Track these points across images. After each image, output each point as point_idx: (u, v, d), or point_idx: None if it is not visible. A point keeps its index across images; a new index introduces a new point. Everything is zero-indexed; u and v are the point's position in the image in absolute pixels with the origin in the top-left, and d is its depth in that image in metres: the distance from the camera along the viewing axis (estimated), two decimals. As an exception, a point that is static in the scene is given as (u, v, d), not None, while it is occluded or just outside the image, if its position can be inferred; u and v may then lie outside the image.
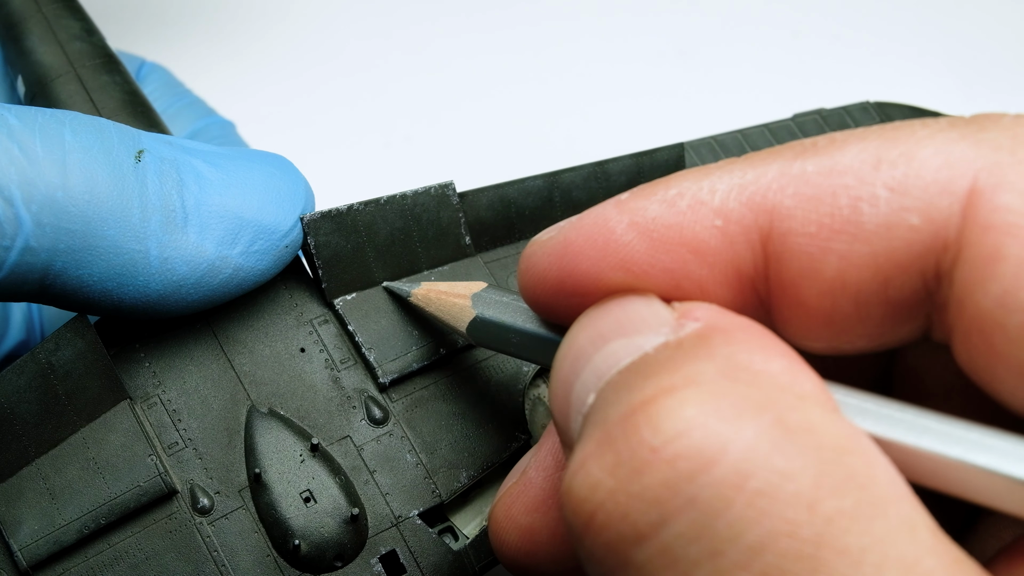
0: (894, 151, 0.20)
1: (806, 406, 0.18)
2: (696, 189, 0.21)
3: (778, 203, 0.20)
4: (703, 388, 0.18)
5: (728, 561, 0.16)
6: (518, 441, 0.32)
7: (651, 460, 0.17)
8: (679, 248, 0.21)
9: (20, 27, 0.41)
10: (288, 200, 0.31)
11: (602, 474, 0.18)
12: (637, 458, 0.18)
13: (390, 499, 0.30)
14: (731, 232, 0.21)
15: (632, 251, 0.22)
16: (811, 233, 0.20)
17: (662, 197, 0.22)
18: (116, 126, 0.29)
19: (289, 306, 0.33)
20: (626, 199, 0.22)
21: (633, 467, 0.18)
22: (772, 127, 0.42)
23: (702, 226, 0.21)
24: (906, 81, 0.74)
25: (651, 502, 0.17)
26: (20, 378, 0.28)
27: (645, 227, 0.21)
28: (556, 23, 0.77)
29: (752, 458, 0.17)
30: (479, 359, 0.33)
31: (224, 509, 0.29)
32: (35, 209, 0.26)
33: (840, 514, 0.16)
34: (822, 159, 0.20)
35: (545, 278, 0.23)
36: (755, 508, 0.16)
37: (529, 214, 0.36)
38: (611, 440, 0.18)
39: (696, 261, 0.21)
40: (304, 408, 0.31)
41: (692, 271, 0.21)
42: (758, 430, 0.17)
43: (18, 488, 0.29)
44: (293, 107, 0.69)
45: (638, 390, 0.19)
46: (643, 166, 0.38)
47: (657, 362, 0.19)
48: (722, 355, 0.19)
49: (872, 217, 0.20)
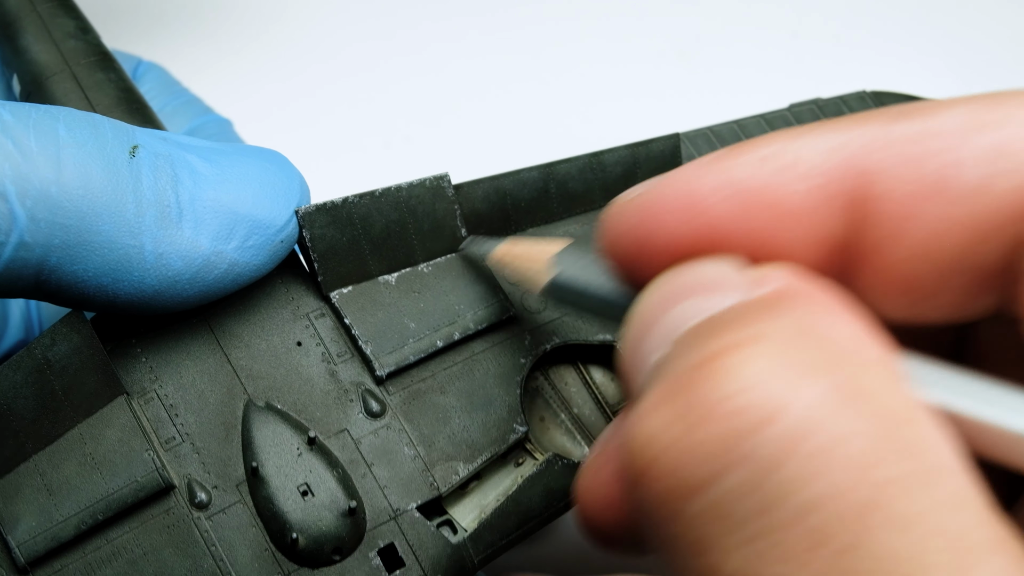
0: (992, 115, 0.20)
1: (870, 372, 0.18)
2: (788, 151, 0.21)
3: (872, 165, 0.20)
4: (769, 347, 0.18)
5: (776, 519, 0.16)
6: (516, 433, 0.32)
7: (711, 414, 0.17)
8: (767, 210, 0.21)
9: (14, 26, 0.41)
10: (283, 195, 0.31)
11: (663, 425, 0.18)
12: (698, 411, 0.18)
13: (388, 492, 0.30)
14: (822, 195, 0.21)
15: (719, 212, 0.21)
16: (905, 195, 0.20)
17: (752, 158, 0.21)
18: (110, 122, 0.29)
19: (285, 300, 0.32)
20: (715, 159, 0.22)
21: (693, 420, 0.18)
22: (768, 117, 0.42)
23: (792, 188, 0.21)
24: (904, 81, 0.74)
25: (708, 456, 0.17)
26: (16, 374, 0.28)
27: (734, 188, 0.21)
28: (556, 24, 0.77)
29: (810, 418, 0.17)
30: (476, 351, 0.33)
31: (222, 503, 0.29)
32: (29, 204, 0.26)
33: (891, 482, 0.16)
34: (917, 122, 0.20)
35: (628, 237, 0.23)
36: (809, 468, 0.16)
37: (525, 206, 0.36)
38: (675, 392, 0.18)
39: (784, 224, 0.21)
40: (301, 402, 0.31)
41: (779, 234, 0.21)
42: (819, 391, 0.17)
43: (15, 485, 0.29)
44: (292, 107, 0.69)
45: (705, 346, 0.19)
46: (639, 157, 0.38)
47: (727, 320, 0.19)
48: (792, 317, 0.19)
49: (967, 180, 0.19)
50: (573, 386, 0.35)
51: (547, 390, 0.35)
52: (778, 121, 0.42)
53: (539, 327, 0.34)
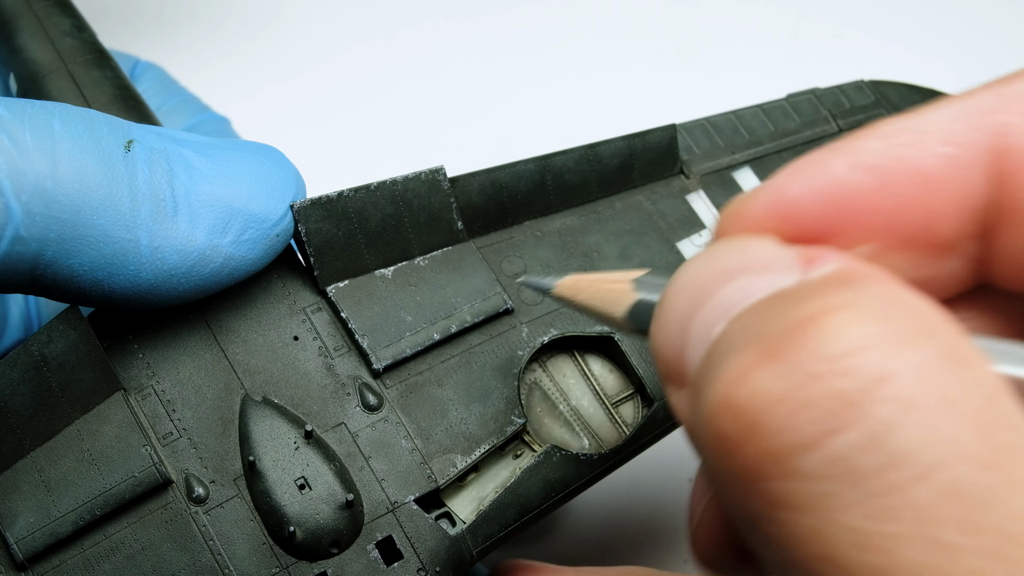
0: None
1: (962, 343, 0.18)
2: (917, 122, 0.21)
3: (1009, 121, 0.20)
4: (866, 312, 0.18)
5: (902, 476, 0.16)
6: (514, 425, 0.32)
7: (825, 370, 0.17)
8: (906, 180, 0.21)
9: (11, 25, 0.41)
10: (278, 189, 0.31)
11: (771, 381, 0.18)
12: (810, 368, 0.17)
13: (386, 485, 0.30)
14: (961, 157, 0.20)
15: (858, 189, 0.21)
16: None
17: (883, 133, 0.21)
18: (106, 117, 0.29)
19: (282, 295, 0.32)
20: (842, 143, 0.22)
21: (806, 375, 0.17)
22: (766, 107, 0.42)
23: (929, 153, 0.21)
24: (904, 80, 0.73)
25: (824, 410, 0.17)
26: (13, 371, 0.28)
27: (869, 163, 0.21)
28: (556, 24, 0.77)
29: (925, 379, 0.17)
30: (473, 344, 0.33)
31: (219, 498, 0.29)
32: (25, 199, 0.26)
33: (1010, 448, 0.16)
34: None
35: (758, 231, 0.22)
36: (929, 428, 0.16)
37: (521, 198, 0.36)
38: (778, 350, 0.18)
39: (924, 191, 0.21)
40: (298, 396, 0.31)
41: (921, 202, 0.21)
42: (928, 355, 0.17)
43: (13, 481, 0.29)
44: (292, 107, 0.69)
45: (800, 308, 0.18)
46: (635, 147, 0.38)
47: (808, 290, 0.19)
48: (874, 289, 0.19)
49: None
50: (571, 378, 0.35)
51: (545, 382, 0.35)
52: (776, 111, 0.42)
53: (536, 319, 0.34)
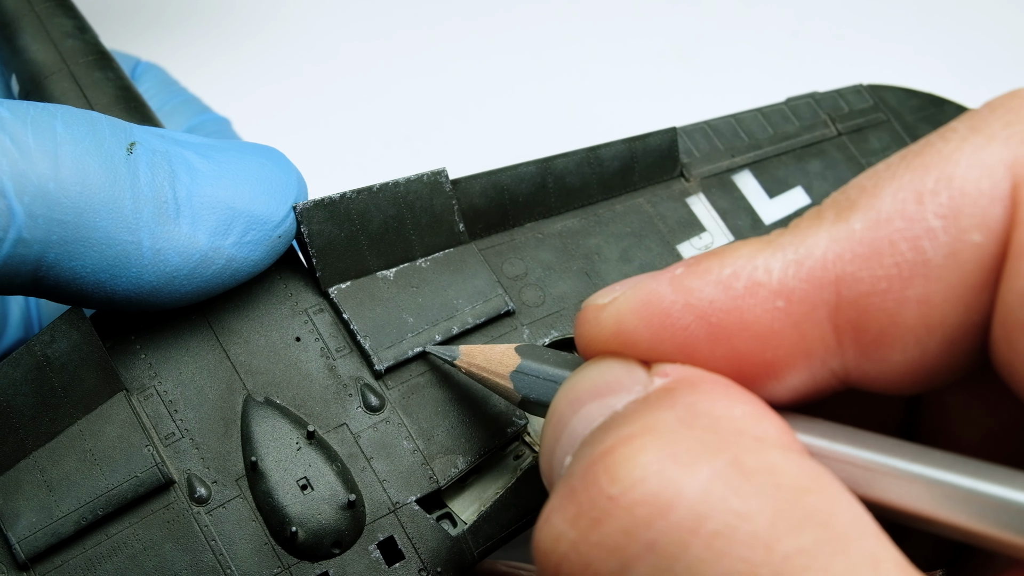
0: (929, 178, 0.19)
1: (765, 448, 0.18)
2: (751, 268, 0.21)
3: (840, 271, 0.20)
4: (660, 435, 0.18)
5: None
6: (515, 426, 0.32)
7: (609, 508, 0.18)
8: (742, 334, 0.21)
9: (13, 26, 0.41)
10: (280, 190, 0.31)
11: (564, 526, 0.19)
12: (597, 508, 0.18)
13: (387, 486, 0.30)
14: (796, 312, 0.20)
15: (691, 336, 0.21)
16: (883, 290, 0.20)
17: (717, 277, 0.21)
18: (108, 119, 0.29)
19: (284, 296, 0.33)
20: (680, 275, 0.21)
21: (593, 516, 0.18)
22: (765, 111, 0.42)
23: (763, 309, 0.21)
24: (904, 80, 0.74)
25: (611, 550, 0.18)
26: (16, 371, 0.29)
27: (703, 311, 0.21)
28: (556, 24, 0.77)
29: (708, 500, 0.17)
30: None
31: (221, 498, 0.29)
32: (27, 200, 0.26)
33: (799, 552, 0.16)
34: (864, 212, 0.20)
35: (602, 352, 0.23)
36: (713, 550, 0.17)
37: (523, 200, 0.36)
38: (572, 492, 0.19)
39: (761, 346, 0.21)
40: (300, 397, 0.31)
41: (757, 355, 0.21)
42: (713, 472, 0.17)
43: (16, 481, 0.29)
44: (292, 107, 0.70)
45: (600, 443, 0.19)
46: (636, 151, 0.38)
47: (622, 416, 0.20)
48: (683, 404, 0.19)
49: (936, 251, 0.19)
50: (572, 380, 0.35)
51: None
52: (775, 115, 0.42)
53: (537, 321, 0.34)
